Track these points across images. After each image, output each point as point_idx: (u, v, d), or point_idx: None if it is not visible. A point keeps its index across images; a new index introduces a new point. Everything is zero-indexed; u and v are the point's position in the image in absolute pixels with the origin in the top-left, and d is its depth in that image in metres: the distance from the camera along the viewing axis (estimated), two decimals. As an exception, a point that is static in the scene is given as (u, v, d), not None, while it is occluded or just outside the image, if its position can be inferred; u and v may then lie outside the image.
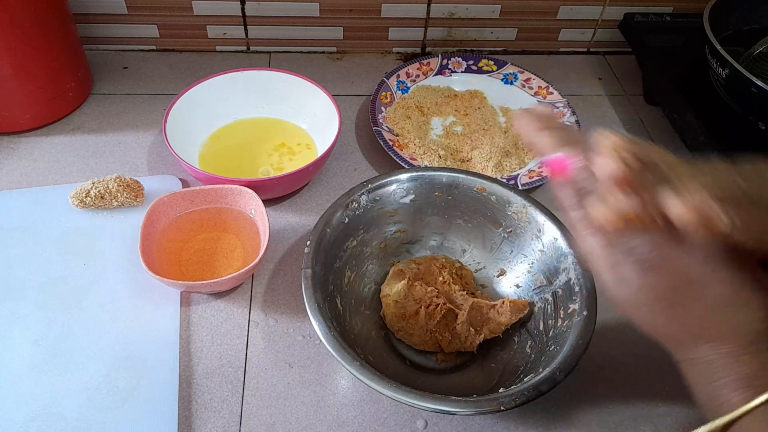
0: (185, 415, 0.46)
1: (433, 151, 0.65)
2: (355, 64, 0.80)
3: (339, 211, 0.50)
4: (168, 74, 0.76)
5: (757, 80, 0.57)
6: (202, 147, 0.65)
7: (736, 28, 0.69)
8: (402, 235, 0.56)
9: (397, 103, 0.72)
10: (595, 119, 0.75)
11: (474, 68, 0.77)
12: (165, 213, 0.54)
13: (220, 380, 0.48)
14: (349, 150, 0.68)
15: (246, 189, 0.55)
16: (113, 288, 0.53)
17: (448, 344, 0.49)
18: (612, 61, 0.84)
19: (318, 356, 0.50)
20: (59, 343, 0.49)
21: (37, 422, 0.44)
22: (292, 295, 0.54)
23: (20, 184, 0.61)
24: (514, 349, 0.49)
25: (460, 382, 0.49)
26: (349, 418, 0.47)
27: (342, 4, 0.76)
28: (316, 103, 0.65)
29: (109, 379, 0.47)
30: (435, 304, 0.50)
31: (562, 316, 0.46)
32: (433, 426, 0.47)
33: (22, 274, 0.53)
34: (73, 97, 0.69)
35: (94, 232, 0.57)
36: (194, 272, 0.54)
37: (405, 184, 0.53)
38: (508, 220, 0.52)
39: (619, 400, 0.49)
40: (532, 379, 0.41)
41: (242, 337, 0.51)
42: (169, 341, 0.50)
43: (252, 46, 0.80)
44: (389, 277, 0.53)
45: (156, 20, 0.76)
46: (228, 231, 0.57)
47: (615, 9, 0.79)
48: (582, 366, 0.42)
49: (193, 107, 0.63)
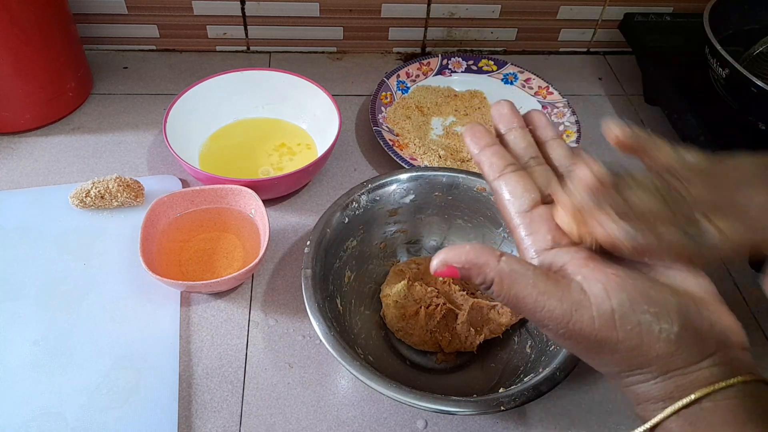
0: (185, 415, 0.46)
1: (433, 151, 0.65)
2: (355, 64, 0.80)
3: (339, 211, 0.50)
4: (168, 74, 0.76)
5: (757, 80, 0.57)
6: (202, 147, 0.65)
7: (736, 28, 0.69)
8: (402, 235, 0.56)
9: (397, 103, 0.72)
10: (595, 119, 0.75)
11: (474, 68, 0.77)
12: (165, 213, 0.54)
13: (220, 380, 0.48)
14: (349, 150, 0.68)
15: (246, 189, 0.55)
16: (113, 288, 0.53)
17: (448, 344, 0.49)
18: (612, 61, 0.84)
19: (318, 356, 0.50)
20: (59, 343, 0.49)
21: (37, 422, 0.44)
22: (292, 295, 0.54)
23: (20, 184, 0.61)
24: (514, 349, 0.49)
25: (460, 382, 0.49)
26: (349, 418, 0.47)
27: (342, 4, 0.76)
28: (316, 103, 0.65)
29: (109, 379, 0.47)
30: (435, 304, 0.50)
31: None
32: (433, 426, 0.47)
33: (22, 274, 0.53)
34: (73, 97, 0.69)
35: (94, 232, 0.57)
36: (194, 272, 0.54)
37: (405, 184, 0.53)
38: (508, 220, 0.52)
39: (619, 400, 0.49)
40: (532, 379, 0.41)
41: (242, 337, 0.51)
42: (169, 341, 0.50)
43: (252, 46, 0.80)
44: (389, 277, 0.53)
45: (156, 20, 0.76)
46: (228, 231, 0.57)
47: (615, 9, 0.79)
48: (582, 366, 0.42)
49: (193, 107, 0.63)
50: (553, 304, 0.28)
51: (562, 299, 0.28)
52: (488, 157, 0.34)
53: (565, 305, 0.28)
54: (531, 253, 0.32)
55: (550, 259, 0.31)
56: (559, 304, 0.28)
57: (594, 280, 0.29)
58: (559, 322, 0.28)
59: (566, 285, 0.29)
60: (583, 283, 0.29)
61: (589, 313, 0.28)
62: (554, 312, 0.28)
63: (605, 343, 0.28)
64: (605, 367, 0.30)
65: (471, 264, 0.29)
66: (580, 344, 0.29)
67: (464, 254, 0.29)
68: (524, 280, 0.29)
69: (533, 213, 0.32)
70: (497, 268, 0.29)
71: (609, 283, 0.28)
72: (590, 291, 0.28)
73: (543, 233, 0.31)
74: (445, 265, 0.30)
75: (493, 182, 0.34)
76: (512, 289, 0.29)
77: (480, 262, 0.29)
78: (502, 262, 0.29)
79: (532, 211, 0.32)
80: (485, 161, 0.34)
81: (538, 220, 0.32)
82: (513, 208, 0.33)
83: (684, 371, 0.28)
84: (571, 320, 0.28)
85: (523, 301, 0.29)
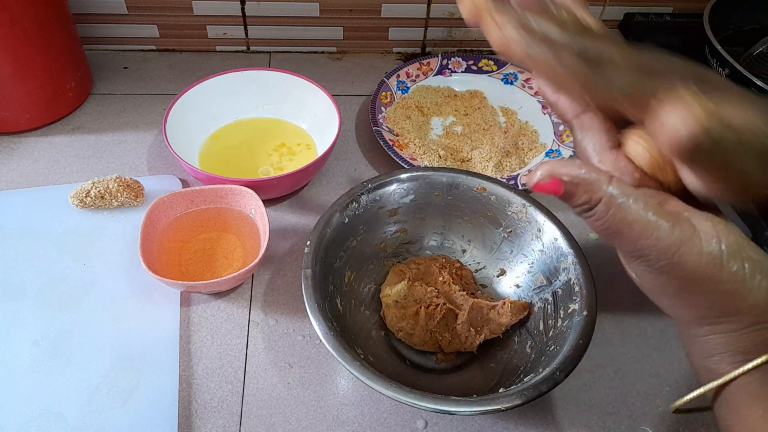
0: (185, 415, 0.46)
1: (433, 151, 0.65)
2: (355, 64, 0.80)
3: (339, 211, 0.50)
4: (168, 74, 0.76)
5: (757, 80, 0.58)
6: (202, 147, 0.65)
7: (736, 28, 0.69)
8: (402, 235, 0.56)
9: (397, 103, 0.72)
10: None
11: (474, 68, 0.77)
12: (165, 213, 0.54)
13: (220, 380, 0.48)
14: (349, 150, 0.68)
15: (246, 189, 0.55)
16: (113, 288, 0.53)
17: (448, 344, 0.49)
18: (612, 61, 0.84)
19: (318, 356, 0.50)
20: (59, 343, 0.49)
21: (37, 422, 0.44)
22: (292, 295, 0.54)
23: (20, 184, 0.61)
24: (514, 349, 0.49)
25: (460, 382, 0.49)
26: (349, 418, 0.47)
27: (342, 4, 0.76)
28: (316, 103, 0.65)
29: (109, 379, 0.47)
30: (435, 304, 0.50)
31: (562, 316, 0.46)
32: (433, 426, 0.47)
33: (22, 274, 0.53)
34: (73, 97, 0.69)
35: (94, 232, 0.57)
36: (194, 272, 0.54)
37: (405, 184, 0.53)
38: (508, 220, 0.52)
39: (619, 400, 0.49)
40: (532, 379, 0.41)
41: (242, 337, 0.51)
42: (169, 341, 0.50)
43: (252, 46, 0.80)
44: (389, 277, 0.53)
45: (156, 20, 0.76)
46: (228, 231, 0.57)
47: (615, 9, 0.79)
48: (582, 366, 0.42)
49: (193, 107, 0.63)
50: (662, 234, 0.27)
51: (673, 229, 0.27)
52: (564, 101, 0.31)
53: (675, 235, 0.27)
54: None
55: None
56: (669, 234, 0.27)
57: (702, 218, 0.27)
58: (665, 252, 0.27)
59: (677, 216, 0.27)
60: (691, 219, 0.27)
61: (698, 248, 0.27)
62: (663, 241, 0.27)
63: (706, 282, 0.27)
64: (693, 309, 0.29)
65: (581, 179, 0.27)
66: (676, 280, 0.28)
67: (575, 168, 0.27)
68: (634, 205, 0.27)
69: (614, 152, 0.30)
70: (607, 189, 0.27)
71: (717, 223, 0.27)
72: (700, 227, 0.27)
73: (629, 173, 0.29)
74: (551, 176, 0.28)
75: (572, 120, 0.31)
76: (619, 213, 0.27)
77: (590, 179, 0.27)
78: (614, 183, 0.27)
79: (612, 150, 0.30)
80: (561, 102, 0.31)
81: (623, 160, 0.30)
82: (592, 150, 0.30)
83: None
84: (678, 251, 0.27)
85: (630, 227, 0.27)
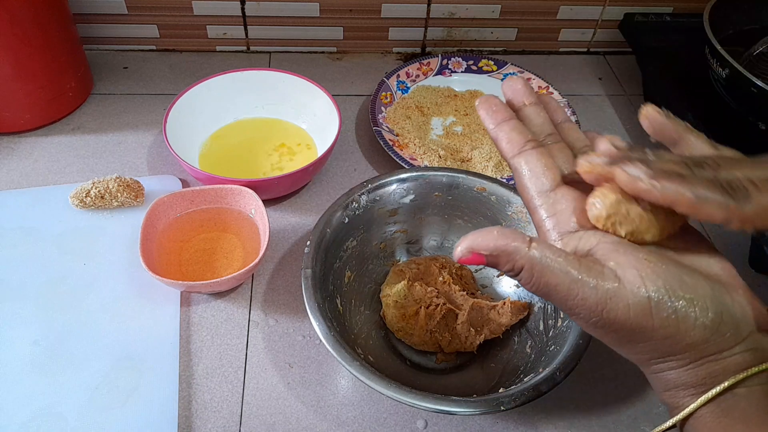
0: (185, 415, 0.46)
1: (433, 151, 0.65)
2: (355, 64, 0.80)
3: (339, 211, 0.50)
4: (168, 74, 0.76)
5: (757, 80, 0.57)
6: (202, 147, 0.65)
7: (736, 28, 0.69)
8: (402, 235, 0.56)
9: (397, 103, 0.72)
10: (595, 119, 0.75)
11: (474, 68, 0.77)
12: (165, 213, 0.54)
13: (220, 380, 0.48)
14: (349, 150, 0.68)
15: (246, 189, 0.55)
16: (113, 288, 0.53)
17: (448, 344, 0.49)
18: (612, 61, 0.84)
19: (318, 356, 0.50)
20: (59, 343, 0.49)
21: (37, 422, 0.44)
22: (292, 295, 0.54)
23: (20, 184, 0.61)
24: (514, 349, 0.49)
25: (460, 382, 0.49)
26: (349, 418, 0.47)
27: (342, 4, 0.76)
28: (316, 103, 0.65)
29: (109, 379, 0.47)
30: (435, 304, 0.50)
31: (562, 316, 0.46)
32: (433, 426, 0.47)
33: (22, 274, 0.53)
34: (73, 97, 0.69)
35: (94, 232, 0.57)
36: (194, 272, 0.54)
37: (405, 184, 0.53)
38: (508, 220, 0.52)
39: (619, 400, 0.49)
40: (532, 379, 0.41)
41: (242, 337, 0.51)
42: (169, 341, 0.50)
43: (252, 46, 0.80)
44: (389, 277, 0.53)
45: (156, 20, 0.76)
46: (228, 231, 0.57)
47: (615, 9, 0.79)
48: (582, 366, 0.42)
49: (193, 107, 0.63)
50: (586, 293, 0.26)
51: (597, 287, 0.26)
52: (506, 133, 0.31)
53: (599, 293, 0.26)
54: (553, 236, 0.30)
55: (574, 242, 0.29)
56: (593, 293, 0.26)
57: (628, 265, 0.27)
58: (592, 310, 0.27)
59: (599, 271, 0.27)
60: (616, 270, 0.27)
61: (624, 302, 0.26)
62: (588, 301, 0.26)
63: (640, 332, 0.27)
64: (636, 354, 0.29)
65: (499, 251, 0.27)
66: (612, 333, 0.27)
67: (492, 240, 0.27)
68: (556, 267, 0.27)
69: (556, 193, 0.30)
70: (527, 255, 0.27)
71: (643, 269, 0.27)
72: (625, 278, 0.27)
73: (567, 215, 0.29)
74: (470, 251, 0.28)
75: (512, 159, 0.31)
76: (543, 277, 0.27)
77: (509, 249, 0.27)
78: (533, 248, 0.27)
79: (555, 191, 0.30)
80: (503, 137, 0.31)
81: (562, 200, 0.30)
82: (534, 188, 0.30)
83: (717, 357, 0.27)
84: (605, 309, 0.26)
85: (555, 290, 0.27)
